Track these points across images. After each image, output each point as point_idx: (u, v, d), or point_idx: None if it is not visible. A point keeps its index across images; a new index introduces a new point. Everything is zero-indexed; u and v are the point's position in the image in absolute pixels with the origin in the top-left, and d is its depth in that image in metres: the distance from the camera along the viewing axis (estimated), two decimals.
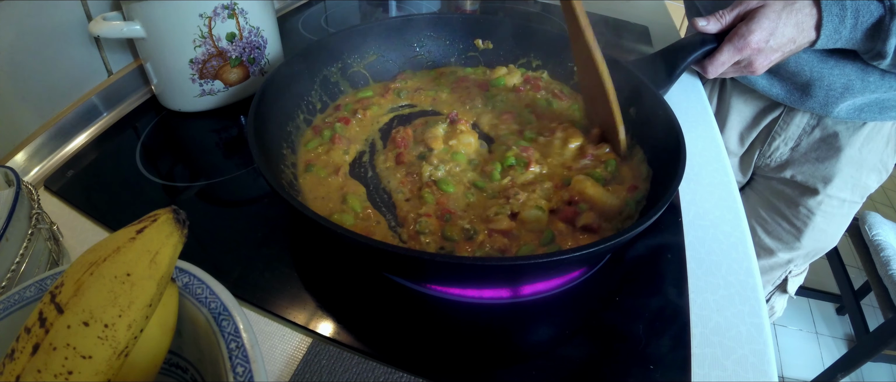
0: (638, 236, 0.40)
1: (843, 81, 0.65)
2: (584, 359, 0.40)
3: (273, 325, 0.42)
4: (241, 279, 0.44)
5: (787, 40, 0.57)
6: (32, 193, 0.41)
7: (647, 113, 0.56)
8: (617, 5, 1.09)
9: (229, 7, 0.60)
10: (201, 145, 0.63)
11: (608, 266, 0.48)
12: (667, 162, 0.48)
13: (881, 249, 1.32)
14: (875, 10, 0.54)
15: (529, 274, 0.41)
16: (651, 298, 0.45)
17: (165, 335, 0.28)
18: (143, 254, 0.25)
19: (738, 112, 0.81)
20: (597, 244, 0.37)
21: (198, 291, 0.30)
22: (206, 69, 0.62)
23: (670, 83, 0.59)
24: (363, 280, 0.45)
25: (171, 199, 0.53)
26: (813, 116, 0.74)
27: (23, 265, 0.36)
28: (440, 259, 0.37)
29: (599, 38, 0.53)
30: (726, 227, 0.54)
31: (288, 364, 0.39)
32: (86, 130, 0.61)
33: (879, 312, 1.32)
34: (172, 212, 0.27)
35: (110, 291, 0.24)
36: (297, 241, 0.48)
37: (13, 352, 0.24)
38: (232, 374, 0.26)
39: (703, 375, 0.40)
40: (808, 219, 0.80)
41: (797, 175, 0.79)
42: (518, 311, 0.44)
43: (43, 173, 0.56)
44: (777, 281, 0.94)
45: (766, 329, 0.44)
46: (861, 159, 0.74)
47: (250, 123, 0.46)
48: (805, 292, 1.74)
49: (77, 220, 0.50)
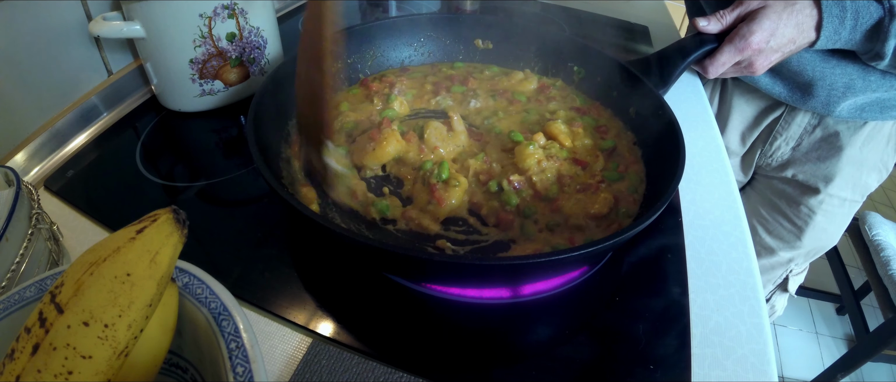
0: (638, 236, 0.40)
1: (845, 80, 0.66)
2: (585, 359, 0.40)
3: (273, 325, 0.42)
4: (241, 279, 0.44)
5: (788, 41, 0.57)
6: (32, 193, 0.41)
7: (646, 113, 0.56)
8: (617, 5, 1.09)
9: (229, 7, 0.60)
10: (201, 145, 0.63)
11: (608, 266, 0.48)
12: (666, 162, 0.48)
13: (881, 249, 1.32)
14: (875, 12, 0.54)
15: (529, 274, 0.41)
16: (651, 298, 0.45)
17: (165, 335, 0.28)
18: (143, 254, 0.25)
19: (740, 112, 0.81)
20: (597, 243, 0.37)
21: (198, 291, 0.30)
22: (206, 69, 0.62)
23: (670, 83, 0.59)
24: (363, 280, 0.45)
25: (171, 199, 0.53)
26: (814, 116, 0.74)
27: (23, 265, 0.36)
28: (439, 259, 0.37)
29: (600, 38, 0.53)
30: (726, 227, 0.54)
31: (288, 364, 0.39)
32: (86, 130, 0.61)
33: (879, 312, 1.32)
34: (172, 212, 0.27)
35: (110, 291, 0.24)
36: (296, 241, 0.48)
37: (13, 352, 0.24)
38: (232, 374, 0.26)
39: (703, 375, 0.40)
40: (809, 218, 0.80)
41: (798, 174, 0.79)
42: (518, 311, 0.44)
43: (43, 173, 0.56)
44: (778, 280, 0.94)
45: (766, 329, 0.44)
46: (862, 159, 0.74)
47: (250, 122, 0.46)
48: (805, 292, 1.74)
49: (77, 220, 0.50)
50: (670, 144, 0.49)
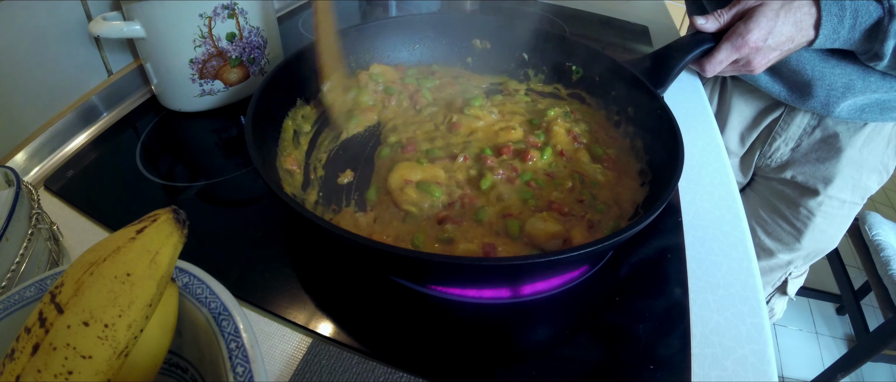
0: (638, 236, 0.40)
1: (845, 80, 0.65)
2: (585, 359, 0.40)
3: (273, 325, 0.42)
4: (241, 279, 0.44)
5: (786, 39, 0.57)
6: (32, 193, 0.41)
7: (645, 112, 0.56)
8: (617, 5, 1.09)
9: (229, 7, 0.60)
10: (201, 145, 0.63)
11: (608, 266, 0.48)
12: (665, 161, 0.48)
13: (881, 249, 1.32)
14: (874, 11, 0.54)
15: (529, 274, 0.41)
16: (651, 298, 0.45)
17: (165, 335, 0.28)
18: (143, 254, 0.25)
19: (739, 112, 0.81)
20: (597, 242, 0.37)
21: (198, 291, 0.30)
22: (206, 69, 0.62)
23: (668, 83, 0.59)
24: (363, 280, 0.45)
25: (171, 199, 0.53)
26: (814, 117, 0.74)
27: (23, 265, 0.36)
28: (439, 260, 0.37)
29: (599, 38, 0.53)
30: (726, 227, 0.54)
31: (288, 364, 0.39)
32: (86, 130, 0.61)
33: (879, 312, 1.32)
34: (172, 212, 0.27)
35: (110, 291, 0.24)
36: (296, 241, 0.48)
37: (13, 352, 0.24)
38: (232, 374, 0.26)
39: (703, 375, 0.40)
40: (809, 220, 0.80)
41: (798, 176, 0.79)
42: (518, 311, 0.44)
43: (43, 173, 0.56)
44: (777, 283, 0.94)
45: (766, 329, 0.44)
46: (861, 160, 0.74)
47: (249, 123, 0.46)
48: (805, 292, 1.74)
49: (77, 220, 0.50)
50: (669, 143, 0.49)
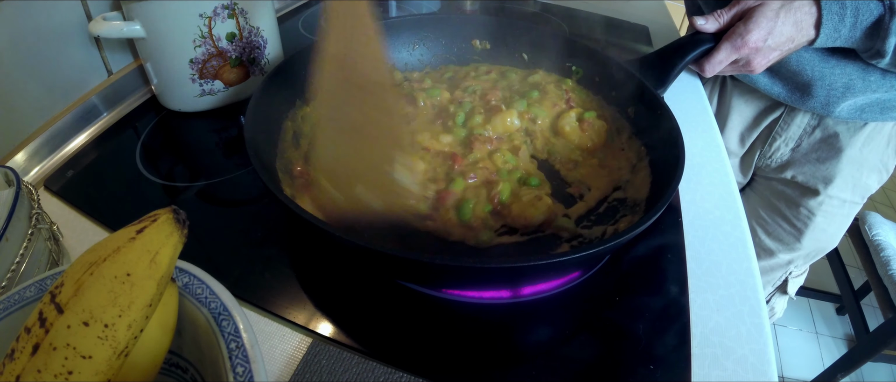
0: (638, 236, 0.40)
1: (845, 80, 0.65)
2: (584, 359, 0.40)
3: (273, 325, 0.42)
4: (241, 279, 0.44)
5: (786, 39, 0.57)
6: (32, 193, 0.41)
7: (645, 113, 0.56)
8: (617, 5, 1.09)
9: (229, 7, 0.60)
10: (201, 145, 0.63)
11: (608, 266, 0.48)
12: (666, 162, 0.48)
13: (881, 249, 1.32)
14: (875, 9, 0.54)
15: (528, 276, 0.41)
16: (651, 298, 0.45)
17: (165, 335, 0.28)
18: (143, 254, 0.25)
19: (739, 112, 0.81)
20: (596, 245, 0.37)
21: (198, 291, 0.30)
22: (206, 69, 0.62)
23: (668, 83, 0.59)
24: (363, 280, 0.45)
25: (171, 199, 0.53)
26: (814, 117, 0.74)
27: (23, 265, 0.36)
28: (438, 262, 0.37)
29: (599, 38, 0.53)
30: (726, 227, 0.54)
31: (288, 364, 0.39)
32: (86, 130, 0.61)
33: (879, 312, 1.32)
34: (172, 212, 0.27)
35: (110, 291, 0.24)
36: (296, 241, 0.48)
37: (13, 352, 0.24)
38: (232, 374, 0.26)
39: (703, 375, 0.40)
40: (809, 220, 0.80)
41: (798, 176, 0.79)
42: (518, 311, 0.44)
43: (43, 173, 0.56)
44: (777, 282, 0.94)
45: (766, 329, 0.44)
46: (862, 160, 0.74)
47: (249, 123, 0.46)
48: (805, 292, 1.74)
49: (77, 220, 0.50)
50: (670, 143, 0.49)
